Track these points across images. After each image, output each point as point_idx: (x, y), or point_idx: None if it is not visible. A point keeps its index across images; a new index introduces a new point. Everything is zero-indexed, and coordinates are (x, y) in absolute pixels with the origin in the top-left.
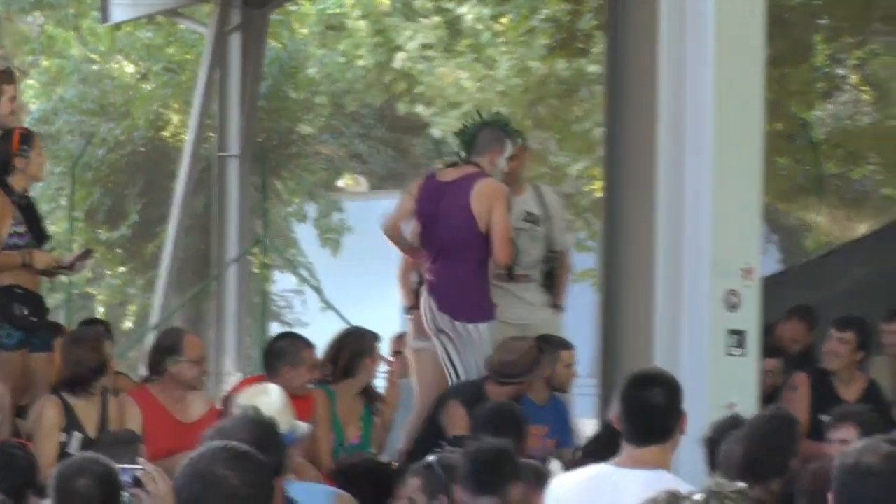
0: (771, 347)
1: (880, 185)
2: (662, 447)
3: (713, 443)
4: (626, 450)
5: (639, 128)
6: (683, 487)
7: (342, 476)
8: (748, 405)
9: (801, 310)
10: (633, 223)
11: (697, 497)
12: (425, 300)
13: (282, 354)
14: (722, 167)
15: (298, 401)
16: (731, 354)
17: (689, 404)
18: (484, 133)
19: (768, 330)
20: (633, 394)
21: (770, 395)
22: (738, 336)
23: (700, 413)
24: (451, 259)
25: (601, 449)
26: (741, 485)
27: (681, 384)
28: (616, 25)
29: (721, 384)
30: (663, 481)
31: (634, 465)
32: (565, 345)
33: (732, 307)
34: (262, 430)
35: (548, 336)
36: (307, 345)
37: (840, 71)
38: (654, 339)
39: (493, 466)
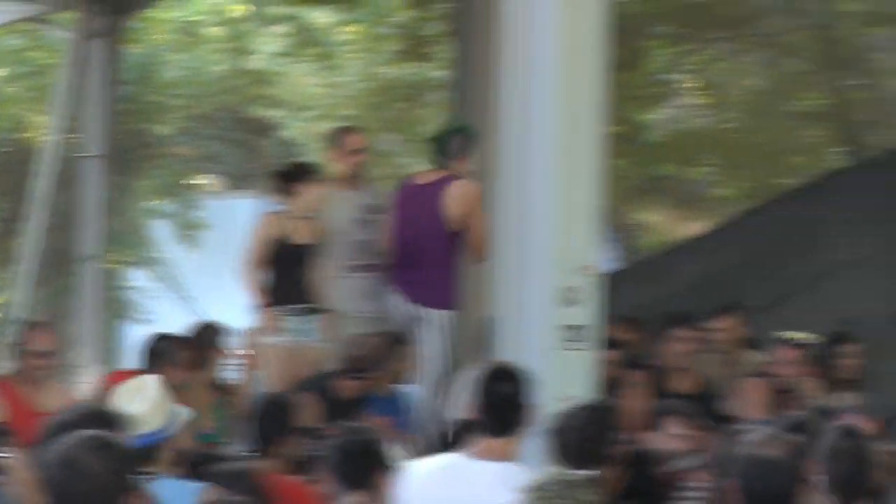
0: (610, 339)
1: (713, 186)
2: (514, 439)
3: (553, 434)
4: (481, 441)
5: (483, 130)
6: (534, 479)
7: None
8: (587, 398)
9: (627, 319)
10: None
11: (552, 487)
12: (390, 296)
13: (161, 354)
14: (563, 168)
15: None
16: (571, 349)
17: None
18: (455, 139)
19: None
20: (490, 387)
21: (610, 386)
22: (577, 331)
23: (541, 406)
24: (423, 258)
25: (455, 442)
26: (590, 473)
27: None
28: (461, 32)
29: (561, 378)
30: (515, 474)
31: (488, 456)
32: (405, 339)
33: (572, 303)
34: (99, 420)
35: (390, 331)
36: (184, 344)
37: (678, 76)
38: (497, 333)
39: (361, 459)
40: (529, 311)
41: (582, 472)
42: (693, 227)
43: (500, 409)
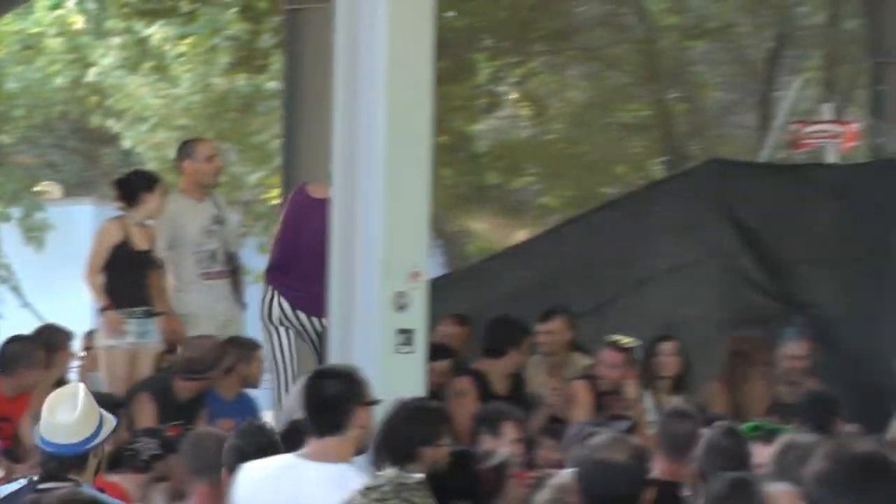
0: (439, 348)
1: (538, 195)
2: (342, 439)
3: (379, 434)
4: (310, 442)
5: (314, 140)
6: (365, 480)
7: None
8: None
9: (457, 316)
10: None
11: (386, 489)
12: (273, 299)
13: (17, 356)
14: (392, 177)
15: (26, 396)
16: (400, 352)
17: None
18: None
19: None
20: (313, 387)
21: (436, 393)
22: (406, 335)
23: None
24: (313, 266)
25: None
26: (420, 476)
27: (364, 379)
28: (293, 45)
29: (391, 380)
30: (345, 476)
31: (317, 458)
32: (255, 345)
33: (401, 308)
34: None
35: (240, 337)
36: (38, 345)
37: (501, 88)
38: (329, 336)
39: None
40: (362, 315)
41: (415, 475)
42: (518, 234)
43: (326, 409)
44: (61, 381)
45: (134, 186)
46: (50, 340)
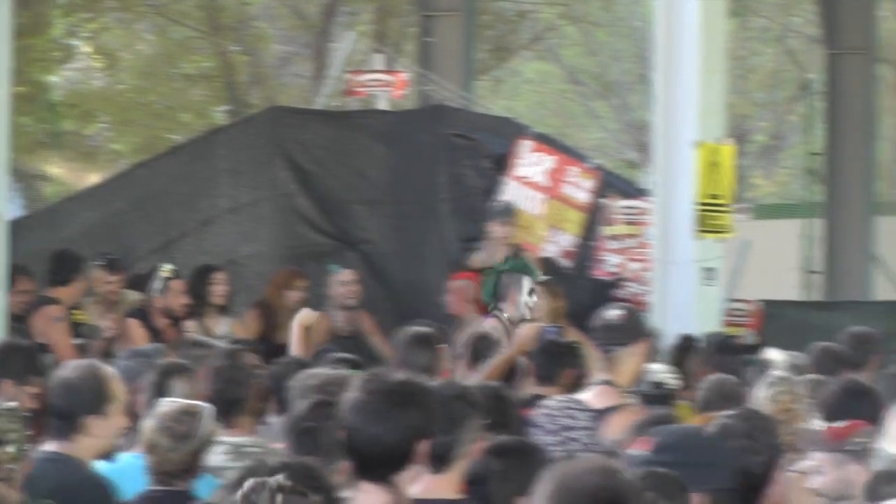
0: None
1: (109, 141)
2: None
3: None
4: None
5: None
6: None
7: None
8: None
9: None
10: None
11: None
12: None
13: None
14: None
15: None
16: None
17: None
18: None
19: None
20: None
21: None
22: None
23: None
24: None
25: None
26: (12, 404)
27: None
28: None
29: None
30: None
31: None
32: None
33: None
34: None
35: None
36: None
37: (75, 42)
38: None
39: None
40: None
41: (8, 403)
42: (92, 177)
43: None
44: None
45: None
46: None
